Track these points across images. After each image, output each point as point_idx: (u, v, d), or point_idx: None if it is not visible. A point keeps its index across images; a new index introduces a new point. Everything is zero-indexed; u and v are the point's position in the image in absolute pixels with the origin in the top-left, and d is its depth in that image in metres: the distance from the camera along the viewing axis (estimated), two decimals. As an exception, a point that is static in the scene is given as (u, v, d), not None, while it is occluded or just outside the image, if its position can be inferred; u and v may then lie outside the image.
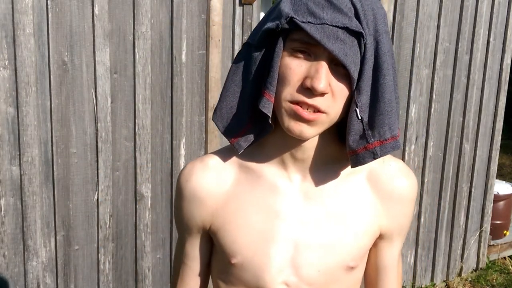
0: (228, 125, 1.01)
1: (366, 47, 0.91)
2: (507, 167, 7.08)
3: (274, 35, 0.94)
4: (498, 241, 4.36)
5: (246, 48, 1.00)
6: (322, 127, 0.95)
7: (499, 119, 3.96)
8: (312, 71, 0.90)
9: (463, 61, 3.62)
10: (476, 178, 3.95)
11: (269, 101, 0.94)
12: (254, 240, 1.02)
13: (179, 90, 2.68)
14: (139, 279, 2.76)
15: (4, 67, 2.24)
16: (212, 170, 1.05)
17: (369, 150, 0.96)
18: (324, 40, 0.88)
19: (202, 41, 2.70)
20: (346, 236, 1.03)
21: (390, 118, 0.95)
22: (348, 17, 0.89)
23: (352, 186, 1.05)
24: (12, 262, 2.41)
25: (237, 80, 1.00)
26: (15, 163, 2.34)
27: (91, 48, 2.41)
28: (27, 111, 2.31)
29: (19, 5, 2.22)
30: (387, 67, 0.94)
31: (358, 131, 0.96)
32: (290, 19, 0.90)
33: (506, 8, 3.77)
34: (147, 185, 2.69)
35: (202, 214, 1.06)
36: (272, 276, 1.03)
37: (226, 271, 1.07)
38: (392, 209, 1.07)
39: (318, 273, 1.03)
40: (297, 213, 1.03)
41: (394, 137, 0.97)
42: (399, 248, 1.13)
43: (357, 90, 0.93)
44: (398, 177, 1.06)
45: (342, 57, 0.89)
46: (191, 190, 1.06)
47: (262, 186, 1.03)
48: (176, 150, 2.74)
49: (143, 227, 2.72)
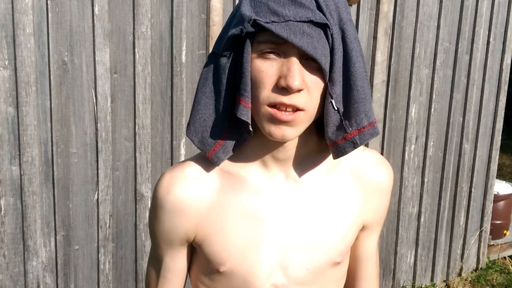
0: (203, 139, 0.99)
1: (333, 38, 0.91)
2: (507, 167, 7.07)
3: (239, 40, 0.93)
4: (498, 241, 4.36)
5: (213, 58, 0.98)
6: (302, 126, 0.95)
7: (499, 119, 3.96)
8: (285, 70, 0.90)
9: (463, 61, 3.62)
10: (476, 178, 3.95)
11: (246, 107, 0.93)
12: (242, 246, 1.01)
13: (179, 90, 2.68)
14: (139, 279, 2.77)
15: (4, 67, 2.24)
16: (193, 179, 1.02)
17: (348, 140, 0.96)
18: (291, 37, 0.87)
19: (202, 41, 2.70)
20: (333, 233, 1.04)
21: (365, 105, 0.95)
22: (310, 10, 0.89)
23: (334, 181, 1.05)
24: (12, 262, 2.41)
25: (207, 91, 0.98)
26: (15, 163, 2.34)
27: (91, 48, 2.41)
28: (27, 111, 2.31)
29: (19, 5, 2.22)
30: (356, 55, 0.94)
31: (336, 122, 0.95)
32: (253, 22, 0.90)
33: (506, 8, 3.77)
34: (147, 185, 2.69)
35: (186, 226, 1.03)
36: (262, 281, 1.02)
37: (212, 278, 1.05)
38: (372, 201, 1.08)
39: (306, 271, 1.03)
40: (283, 214, 1.02)
41: (372, 124, 0.97)
42: (377, 238, 1.15)
43: (330, 81, 0.93)
44: (375, 167, 1.07)
45: (312, 51, 0.88)
46: (172, 202, 1.02)
47: (245, 191, 1.02)
48: (176, 150, 2.74)
49: (143, 227, 2.72)
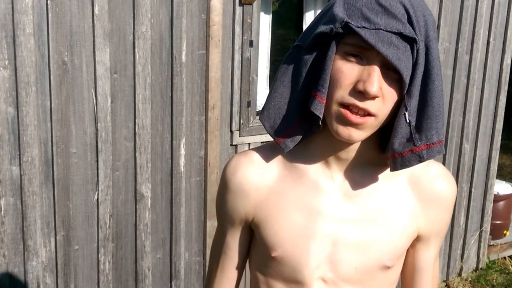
0: (275, 125, 1.03)
1: (418, 53, 0.93)
2: (507, 167, 7.07)
3: (326, 38, 0.96)
4: (498, 241, 4.36)
5: (296, 50, 1.02)
6: (370, 130, 0.97)
7: (499, 119, 3.96)
8: (365, 75, 0.92)
9: (463, 61, 3.62)
10: (476, 178, 3.95)
11: (321, 103, 0.96)
12: (294, 235, 1.05)
13: (179, 90, 2.68)
14: (139, 279, 2.76)
15: (4, 67, 2.24)
16: (257, 164, 1.08)
17: (415, 153, 0.98)
18: (379, 45, 0.89)
19: (202, 41, 2.70)
20: (384, 235, 1.05)
21: (438, 122, 0.98)
22: (402, 23, 0.91)
23: (392, 187, 1.07)
24: (12, 262, 2.41)
25: (286, 81, 1.02)
26: (15, 163, 2.34)
27: (91, 48, 2.41)
28: (27, 111, 2.31)
29: (19, 5, 2.22)
30: (436, 73, 0.96)
31: (405, 134, 0.97)
32: (345, 24, 0.92)
33: (506, 8, 3.77)
34: (147, 185, 2.69)
35: (245, 206, 1.09)
36: (310, 271, 1.05)
37: (265, 264, 1.10)
38: (431, 212, 1.08)
39: (355, 270, 1.05)
40: (337, 211, 1.05)
41: (440, 141, 0.99)
42: (436, 251, 1.15)
43: (408, 94, 0.95)
44: (439, 180, 1.08)
45: (396, 62, 0.90)
46: (236, 183, 1.09)
47: (304, 184, 1.06)
48: (176, 150, 2.74)
49: (143, 227, 2.72)
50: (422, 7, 0.94)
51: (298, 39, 1.03)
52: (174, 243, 2.84)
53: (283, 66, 1.03)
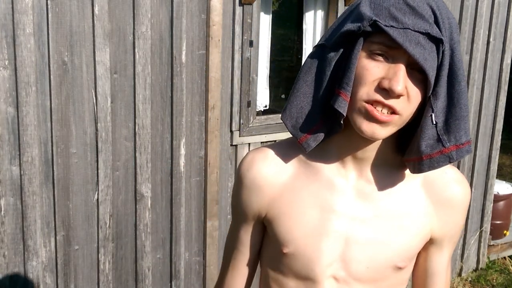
0: (297, 125, 1.04)
1: (444, 54, 0.94)
2: (507, 167, 7.08)
3: (352, 37, 0.96)
4: (498, 241, 4.36)
5: (320, 49, 1.02)
6: (394, 128, 0.97)
7: (499, 119, 3.96)
8: (391, 73, 0.92)
9: (463, 61, 3.62)
10: (476, 178, 3.95)
11: (345, 100, 0.96)
12: (307, 232, 1.06)
13: (179, 90, 2.68)
14: (139, 279, 2.76)
15: (4, 67, 2.24)
16: (272, 161, 1.09)
17: (444, 154, 0.98)
18: (406, 44, 0.90)
19: (202, 41, 2.70)
20: (397, 236, 1.06)
21: (466, 123, 0.98)
22: (429, 23, 0.91)
23: (406, 189, 1.07)
24: (12, 262, 2.41)
25: (309, 80, 1.02)
26: (15, 163, 2.34)
27: (91, 48, 2.41)
28: (27, 111, 2.31)
29: (19, 5, 2.22)
30: (462, 74, 0.96)
31: (433, 136, 0.97)
32: (373, 22, 0.92)
33: (506, 8, 3.77)
34: (147, 185, 2.69)
35: (259, 202, 1.10)
36: (322, 269, 1.06)
37: (277, 260, 1.11)
38: (444, 215, 1.09)
39: (366, 269, 1.05)
40: (350, 210, 1.06)
41: (469, 142, 0.99)
42: (448, 255, 1.15)
43: (433, 95, 0.95)
44: (453, 184, 1.08)
45: (422, 61, 0.91)
46: (251, 179, 1.09)
47: (319, 182, 1.07)
48: (176, 150, 2.74)
49: (143, 227, 2.72)
50: (446, 10, 0.95)
51: (322, 39, 1.03)
52: (174, 243, 2.84)
53: (306, 65, 1.03)
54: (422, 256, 1.14)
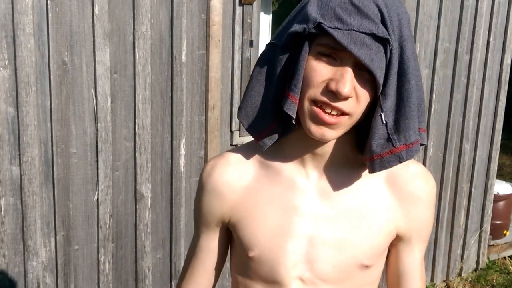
0: (253, 123, 1.03)
1: (391, 53, 0.92)
2: (507, 167, 7.08)
3: (300, 38, 0.95)
4: (498, 241, 4.36)
5: (272, 48, 1.01)
6: (343, 129, 0.96)
7: (499, 119, 3.96)
8: (338, 75, 0.91)
9: (463, 61, 3.62)
10: (476, 178, 3.95)
11: (293, 103, 0.96)
12: (271, 234, 1.05)
13: (179, 90, 2.68)
14: (139, 279, 2.76)
15: (4, 67, 2.24)
16: (233, 165, 1.09)
17: (394, 154, 0.97)
18: (351, 46, 0.89)
19: (202, 41, 2.70)
20: (361, 234, 1.04)
21: (415, 122, 0.97)
22: (375, 23, 0.90)
23: (369, 186, 1.06)
24: (12, 262, 2.41)
25: (262, 79, 1.02)
26: (15, 163, 2.34)
27: (91, 48, 2.41)
28: (27, 111, 2.31)
29: (19, 5, 2.22)
30: (412, 72, 0.95)
31: (383, 136, 0.97)
32: (317, 24, 0.91)
33: (506, 8, 3.77)
34: (147, 185, 2.69)
35: (222, 207, 1.09)
36: (288, 271, 1.05)
37: (244, 264, 1.10)
38: (410, 211, 1.07)
39: (332, 269, 1.04)
40: (313, 209, 1.05)
41: (417, 141, 0.98)
42: (420, 254, 1.13)
43: (383, 95, 0.94)
44: (417, 179, 1.07)
45: (369, 63, 0.90)
46: (213, 185, 1.09)
47: (280, 183, 1.06)
48: (176, 150, 2.74)
49: (143, 227, 2.72)
50: (396, 5, 0.93)
51: (274, 36, 1.02)
52: (174, 243, 2.84)
53: (258, 63, 1.02)
54: (393, 255, 1.13)
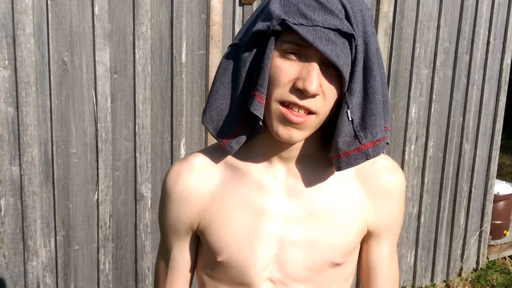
0: (218, 127, 1.01)
1: (357, 49, 0.91)
2: (507, 167, 7.08)
3: (264, 36, 0.94)
4: (498, 241, 4.36)
5: (235, 49, 0.99)
6: (310, 129, 0.95)
7: (499, 119, 3.96)
8: (304, 73, 0.90)
9: (463, 61, 3.62)
10: (476, 178, 3.95)
11: (260, 103, 0.94)
12: (239, 237, 1.03)
13: (179, 90, 2.68)
14: (139, 279, 2.77)
15: (4, 67, 2.24)
16: (198, 170, 1.06)
17: (361, 151, 0.96)
18: (317, 42, 0.88)
19: (202, 41, 2.70)
20: (331, 232, 1.03)
21: (381, 119, 0.96)
22: (339, 19, 0.89)
23: (338, 183, 1.05)
24: (12, 262, 2.41)
25: (226, 81, 0.99)
26: (15, 163, 2.34)
27: (91, 48, 2.41)
28: (27, 111, 2.31)
29: (19, 5, 2.22)
30: (376, 68, 0.94)
31: (349, 133, 0.95)
32: (281, 21, 0.90)
33: (506, 8, 3.77)
34: (147, 185, 2.69)
35: (189, 214, 1.07)
36: (257, 273, 1.03)
37: (212, 268, 1.08)
38: (379, 206, 1.06)
39: (303, 269, 1.03)
40: (282, 210, 1.03)
41: (384, 138, 0.97)
42: (389, 247, 1.12)
43: (349, 91, 0.93)
44: (385, 173, 1.06)
45: (335, 58, 0.88)
46: (178, 192, 1.06)
47: (247, 184, 1.04)
48: (176, 150, 2.74)
49: (143, 227, 2.72)
50: (359, 1, 0.93)
51: (236, 37, 1.00)
52: (174, 243, 2.84)
53: (222, 66, 1.00)
54: (363, 249, 1.12)
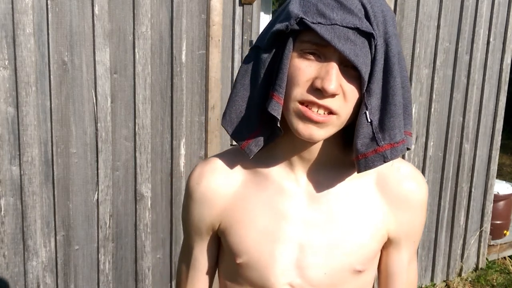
0: (238, 130, 1.00)
1: (376, 49, 0.90)
2: (507, 167, 7.08)
3: (283, 36, 0.93)
4: (498, 241, 4.36)
5: (255, 51, 0.99)
6: (332, 129, 0.94)
7: (499, 119, 3.96)
8: (323, 72, 0.89)
9: (463, 61, 3.62)
10: (476, 178, 3.95)
11: (278, 103, 0.93)
12: (260, 240, 1.02)
13: (179, 90, 2.68)
14: (139, 279, 2.76)
15: (4, 67, 2.24)
16: (221, 171, 1.06)
17: (379, 153, 0.94)
18: (335, 41, 0.87)
19: (202, 41, 2.70)
20: (353, 239, 1.02)
21: (400, 121, 0.94)
22: (358, 18, 0.88)
23: (359, 189, 1.03)
24: (12, 262, 2.41)
25: (246, 83, 0.99)
26: (15, 163, 2.34)
27: (91, 48, 2.41)
28: (27, 111, 2.31)
29: (19, 5, 2.22)
30: (397, 69, 0.93)
31: (368, 134, 0.94)
32: (300, 20, 0.89)
33: (506, 8, 3.77)
34: (147, 185, 2.69)
35: (211, 215, 1.07)
36: (277, 277, 1.02)
37: (232, 270, 1.08)
38: (400, 214, 1.05)
39: (324, 275, 1.02)
40: (303, 214, 1.02)
41: (403, 140, 0.95)
42: (408, 255, 1.11)
43: (367, 92, 0.92)
44: (407, 181, 1.04)
45: (353, 57, 0.87)
46: (201, 192, 1.07)
47: (269, 188, 1.03)
48: (176, 150, 2.74)
49: (143, 227, 2.72)
50: (381, 2, 0.91)
51: (257, 39, 1.00)
52: (174, 243, 2.84)
53: (242, 68, 0.99)
54: (383, 255, 1.10)
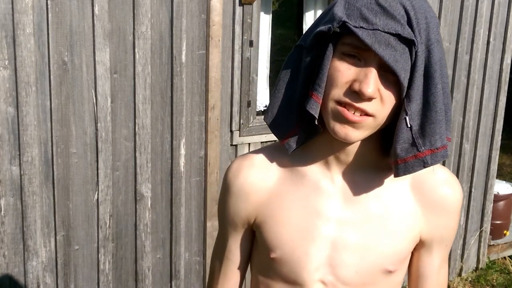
0: (278, 125, 1.03)
1: (417, 55, 0.91)
2: (507, 167, 7.08)
3: (325, 38, 0.95)
4: (498, 241, 4.36)
5: (298, 50, 1.01)
6: (367, 130, 0.95)
7: (499, 119, 3.96)
8: (361, 76, 0.91)
9: (463, 61, 3.62)
10: (476, 178, 3.95)
11: (317, 102, 0.95)
12: (294, 236, 1.05)
13: (179, 90, 2.68)
14: (139, 279, 2.76)
15: (4, 67, 2.24)
16: (258, 167, 1.09)
17: (419, 158, 0.96)
18: (375, 46, 0.88)
19: (202, 41, 2.70)
20: (385, 239, 1.04)
21: (441, 127, 0.96)
22: (400, 24, 0.89)
23: (394, 191, 1.05)
24: (12, 262, 2.41)
25: (288, 81, 1.02)
26: (15, 163, 2.34)
27: (91, 48, 2.41)
28: (27, 111, 2.31)
29: (19, 5, 2.22)
30: (438, 76, 0.94)
31: (407, 140, 0.95)
32: (342, 23, 0.91)
33: (506, 8, 3.77)
34: (147, 185, 2.69)
35: (247, 209, 1.10)
36: (309, 273, 1.05)
37: (265, 265, 1.10)
38: (434, 218, 1.06)
39: (355, 274, 1.04)
40: (338, 213, 1.04)
41: (444, 146, 0.97)
42: (440, 258, 1.12)
43: (407, 98, 0.93)
44: (443, 186, 1.05)
45: (393, 63, 0.89)
46: (238, 186, 1.09)
47: (305, 186, 1.06)
48: (176, 150, 2.74)
49: (143, 227, 2.72)
50: (425, 9, 0.93)
51: (301, 39, 1.02)
52: (174, 243, 2.84)
53: (285, 65, 1.03)
54: (414, 257, 1.12)
